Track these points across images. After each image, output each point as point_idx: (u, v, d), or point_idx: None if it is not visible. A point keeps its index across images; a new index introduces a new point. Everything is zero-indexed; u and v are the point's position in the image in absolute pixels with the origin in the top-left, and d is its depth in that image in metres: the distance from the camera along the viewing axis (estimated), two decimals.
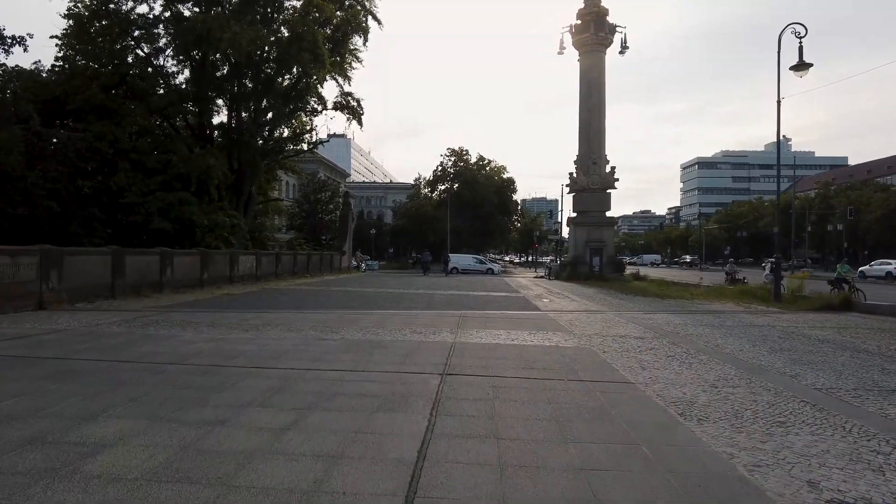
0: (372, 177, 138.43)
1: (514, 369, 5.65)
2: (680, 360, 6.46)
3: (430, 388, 4.72)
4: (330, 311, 11.28)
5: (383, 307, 12.56)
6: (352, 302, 13.92)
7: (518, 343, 7.41)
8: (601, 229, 30.97)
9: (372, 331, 8.24)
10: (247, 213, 28.81)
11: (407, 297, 15.57)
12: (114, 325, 8.46)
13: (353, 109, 31.58)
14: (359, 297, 15.53)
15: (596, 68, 32.02)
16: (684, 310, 13.49)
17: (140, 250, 14.66)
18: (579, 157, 32.18)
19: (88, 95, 21.85)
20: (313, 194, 53.47)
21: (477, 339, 7.71)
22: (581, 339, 8.00)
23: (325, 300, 14.42)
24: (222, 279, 18.22)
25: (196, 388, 4.60)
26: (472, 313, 11.47)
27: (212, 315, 10.04)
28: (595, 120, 31.85)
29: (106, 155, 21.90)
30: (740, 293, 18.77)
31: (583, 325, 9.73)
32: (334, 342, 7.15)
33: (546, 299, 15.93)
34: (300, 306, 12.39)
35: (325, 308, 12.00)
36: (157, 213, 21.24)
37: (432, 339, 7.51)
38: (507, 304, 14.26)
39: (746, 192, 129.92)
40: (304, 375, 5.14)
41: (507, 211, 61.51)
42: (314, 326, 8.57)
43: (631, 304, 14.94)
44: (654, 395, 4.72)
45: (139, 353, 6.20)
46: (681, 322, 10.54)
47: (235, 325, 8.65)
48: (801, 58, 16.57)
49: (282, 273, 23.77)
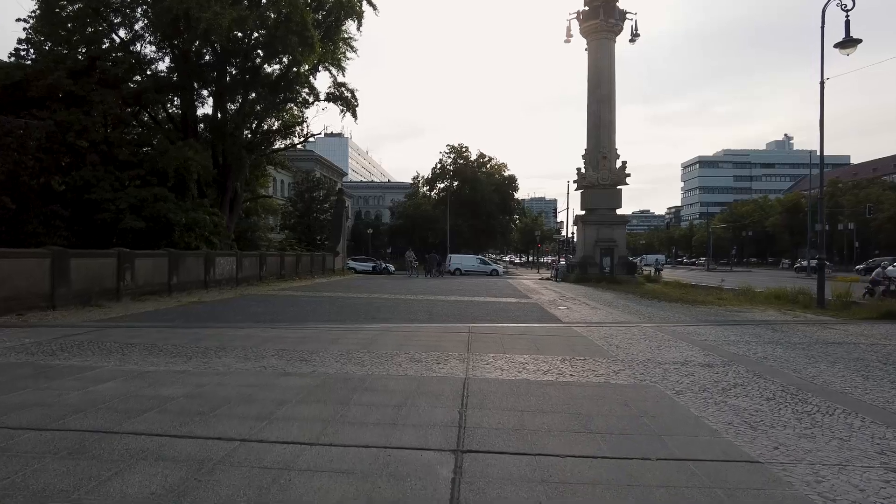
0: (370, 176, 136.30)
1: (564, 435, 3.68)
2: (790, 407, 4.50)
3: (438, 493, 2.75)
4: (309, 326, 9.29)
5: (376, 319, 10.57)
6: (339, 312, 11.91)
7: (554, 379, 5.44)
8: (612, 228, 29.04)
9: (356, 358, 6.27)
10: (233, 212, 26.82)
11: (404, 306, 13.58)
12: (12, 350, 6.45)
13: (347, 101, 29.58)
14: (349, 305, 13.50)
15: (605, 57, 30.10)
16: (727, 320, 11.56)
17: (90, 252, 12.65)
18: (588, 152, 30.24)
19: (53, 81, 19.82)
20: (308, 192, 51.40)
21: (497, 370, 5.74)
22: (633, 368, 6.04)
23: (308, 309, 12.40)
24: (196, 284, 16.18)
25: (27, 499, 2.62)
26: (483, 327, 9.49)
27: (160, 333, 8.04)
28: (605, 112, 29.92)
29: (74, 147, 19.92)
30: (774, 297, 16.89)
31: (623, 344, 7.77)
32: (300, 380, 5.17)
33: (563, 307, 13.96)
34: (276, 318, 10.40)
35: (305, 321, 10.01)
36: (128, 211, 19.24)
37: (437, 374, 5.53)
38: (520, 313, 12.28)
39: (748, 192, 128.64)
40: (231, 457, 3.16)
41: (508, 210, 59.64)
42: (281, 351, 6.59)
43: (662, 312, 13.00)
44: (818, 499, 2.76)
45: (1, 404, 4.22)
46: (737, 338, 8.60)
47: (180, 349, 6.66)
48: (847, 33, 14.70)
49: (267, 276, 21.73)
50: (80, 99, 20.49)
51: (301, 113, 29.69)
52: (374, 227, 71.21)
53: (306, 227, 48.99)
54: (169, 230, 20.14)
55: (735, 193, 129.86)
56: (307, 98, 29.21)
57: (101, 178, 19.67)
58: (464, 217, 53.40)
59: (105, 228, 19.41)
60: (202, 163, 21.39)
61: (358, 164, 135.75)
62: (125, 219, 18.96)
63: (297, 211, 50.51)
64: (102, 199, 19.07)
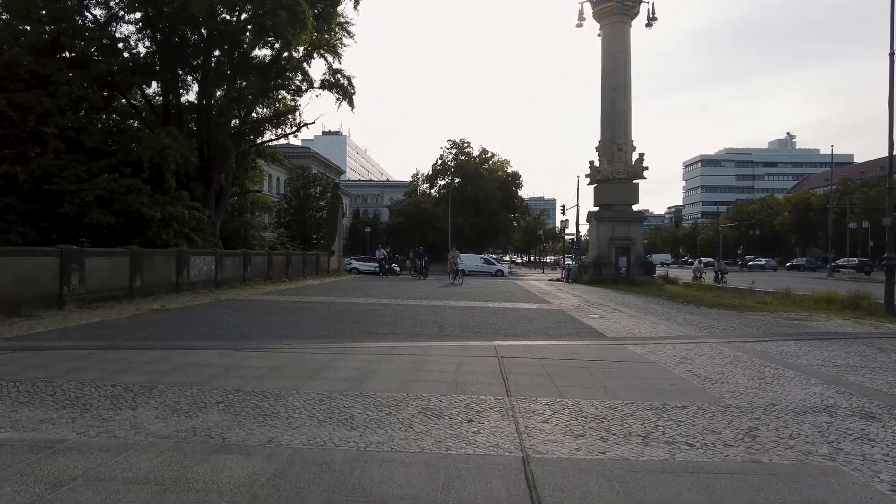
0: (368, 175, 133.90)
1: None
2: None
3: None
4: (287, 346, 7.14)
5: (371, 335, 8.38)
6: (329, 324, 9.70)
7: (667, 455, 3.29)
8: (628, 225, 26.91)
9: (342, 409, 4.14)
10: (219, 207, 24.63)
11: (406, 315, 11.42)
12: None
13: (343, 88, 27.42)
14: (338, 315, 11.24)
15: (620, 41, 27.98)
16: (800, 332, 9.47)
17: (18, 249, 10.47)
18: (602, 143, 28.11)
19: (11, 57, 17.65)
20: (303, 189, 49.05)
21: (566, 436, 3.58)
22: (767, 423, 3.90)
23: (291, 320, 10.21)
24: (165, 287, 13.98)
25: None
26: (512, 346, 7.35)
27: (73, 361, 5.87)
28: (619, 100, 27.79)
29: (36, 132, 17.76)
30: (825, 302, 14.85)
31: (713, 375, 5.63)
32: (242, 466, 3.01)
33: (594, 314, 11.83)
34: (247, 333, 8.23)
35: (279, 338, 7.82)
36: (95, 204, 17.05)
37: (473, 449, 3.36)
38: (548, 324, 10.14)
39: (750, 191, 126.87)
40: None
41: (512, 208, 57.37)
42: (233, 396, 4.45)
43: (712, 321, 10.90)
44: None
45: None
46: (845, 361, 6.55)
47: (82, 391, 4.52)
48: None
49: (252, 278, 19.50)
50: (43, 79, 18.32)
51: (294, 101, 27.51)
52: (373, 226, 69.00)
53: (302, 226, 46.71)
54: (144, 226, 18.00)
55: (737, 192, 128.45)
56: (300, 85, 27.12)
57: (65, 167, 17.49)
58: (465, 215, 51.20)
59: (69, 224, 17.23)
60: (181, 151, 19.19)
61: (356, 162, 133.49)
62: (91, 213, 16.78)
63: (292, 208, 48.22)
64: (65, 191, 16.90)
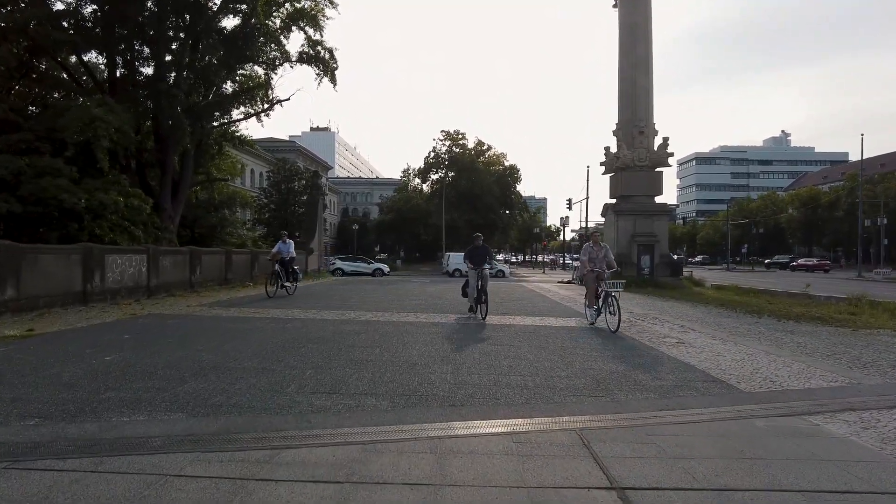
0: (357, 173, 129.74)
1: None
2: None
3: None
4: (153, 442, 3.52)
5: (336, 392, 4.74)
6: (269, 369, 5.68)
7: None
8: (651, 220, 23.52)
9: None
10: (176, 197, 20.81)
11: (397, 343, 7.82)
12: None
13: (324, 62, 23.73)
14: (292, 344, 7.21)
15: (641, 11, 24.61)
16: None
17: None
18: (620, 125, 24.70)
19: None
20: (285, 183, 45.09)
21: None
22: None
23: (212, 362, 5.96)
24: (64, 297, 10.18)
25: None
26: (609, 427, 3.81)
27: None
28: (641, 77, 24.38)
29: None
30: None
31: None
32: None
33: (667, 337, 8.30)
34: (101, 402, 4.58)
35: (171, 408, 4.15)
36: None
37: None
38: (619, 356, 6.57)
39: (745, 189, 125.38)
40: None
41: (509, 203, 53.92)
42: None
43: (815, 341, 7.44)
44: None
45: None
46: None
47: None
48: None
49: (203, 282, 15.65)
50: None
51: (267, 76, 23.75)
52: (361, 224, 65.21)
53: (283, 222, 42.85)
54: (67, 217, 14.24)
55: (733, 191, 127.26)
56: (274, 59, 23.43)
57: None
58: (460, 211, 47.68)
59: None
60: (115, 125, 15.38)
61: (346, 159, 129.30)
62: None
63: (273, 203, 44.31)
64: None
